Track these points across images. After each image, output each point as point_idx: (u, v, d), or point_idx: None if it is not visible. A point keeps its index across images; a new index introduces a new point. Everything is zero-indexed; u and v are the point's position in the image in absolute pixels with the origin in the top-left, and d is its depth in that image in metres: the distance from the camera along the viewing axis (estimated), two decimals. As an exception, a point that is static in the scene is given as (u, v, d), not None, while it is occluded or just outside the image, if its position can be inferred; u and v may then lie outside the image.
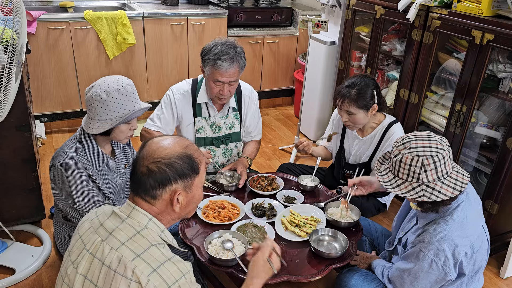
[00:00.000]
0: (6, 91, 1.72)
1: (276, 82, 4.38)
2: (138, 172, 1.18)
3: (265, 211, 1.99)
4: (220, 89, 2.12)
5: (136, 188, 1.19)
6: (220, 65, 2.03)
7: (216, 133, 2.31)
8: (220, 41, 2.10)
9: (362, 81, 2.15)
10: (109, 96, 1.67)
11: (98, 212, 1.26)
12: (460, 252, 1.47)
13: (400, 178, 1.50)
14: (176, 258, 1.15)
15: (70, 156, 1.73)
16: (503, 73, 2.22)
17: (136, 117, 1.79)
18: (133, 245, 1.12)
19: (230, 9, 3.91)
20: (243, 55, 2.13)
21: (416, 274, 1.54)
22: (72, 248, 1.21)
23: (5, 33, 1.71)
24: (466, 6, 2.27)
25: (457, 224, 1.49)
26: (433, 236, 1.49)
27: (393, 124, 2.29)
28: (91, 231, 1.19)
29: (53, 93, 3.47)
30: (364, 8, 2.97)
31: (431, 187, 1.45)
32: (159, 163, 1.15)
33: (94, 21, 3.34)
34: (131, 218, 1.18)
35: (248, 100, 2.37)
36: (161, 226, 1.20)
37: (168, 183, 1.16)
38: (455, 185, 1.46)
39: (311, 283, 2.17)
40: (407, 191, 1.48)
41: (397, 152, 1.50)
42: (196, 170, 1.21)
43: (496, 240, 2.47)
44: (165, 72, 3.82)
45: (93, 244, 1.15)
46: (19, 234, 2.37)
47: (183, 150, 1.20)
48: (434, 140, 1.47)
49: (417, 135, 1.52)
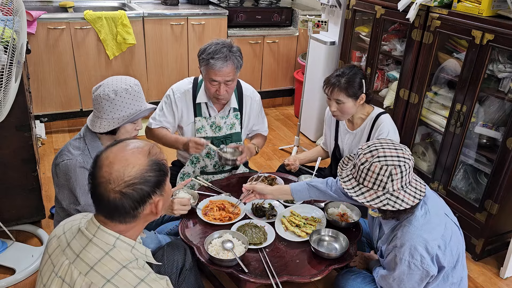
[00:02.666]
0: (6, 91, 1.72)
1: (276, 82, 4.38)
2: (108, 199, 1.05)
3: (265, 211, 1.99)
4: (216, 89, 2.12)
5: (111, 214, 1.08)
6: (214, 64, 2.03)
7: (217, 133, 2.31)
8: (215, 41, 2.10)
9: (351, 71, 2.18)
10: (117, 95, 1.68)
11: (65, 228, 1.17)
12: (433, 247, 1.49)
13: (365, 186, 1.51)
14: (150, 277, 1.07)
15: (74, 155, 1.74)
16: (503, 73, 2.22)
17: (142, 117, 1.80)
18: (102, 268, 1.05)
19: (230, 9, 3.91)
20: (239, 54, 2.12)
21: (400, 278, 1.56)
22: (42, 269, 1.15)
23: (5, 33, 1.72)
24: (466, 6, 2.27)
25: (421, 221, 1.52)
26: (402, 239, 1.51)
27: (381, 114, 2.29)
28: (59, 251, 1.12)
29: (53, 93, 3.47)
30: (364, 8, 2.97)
31: (395, 195, 1.47)
32: (134, 184, 1.05)
33: (94, 21, 3.34)
34: (97, 237, 1.09)
35: (250, 100, 2.37)
36: (131, 242, 1.12)
37: (148, 197, 1.09)
38: (415, 193, 1.49)
39: (311, 283, 2.17)
40: (372, 199, 1.49)
41: (364, 160, 1.49)
42: (166, 171, 1.14)
43: (496, 240, 2.47)
44: (165, 72, 3.82)
45: (61, 267, 1.09)
46: (19, 234, 2.37)
47: (148, 158, 1.09)
48: (400, 149, 1.49)
49: (383, 143, 1.52)
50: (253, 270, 1.66)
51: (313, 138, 3.80)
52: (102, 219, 1.11)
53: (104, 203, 1.07)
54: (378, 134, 2.25)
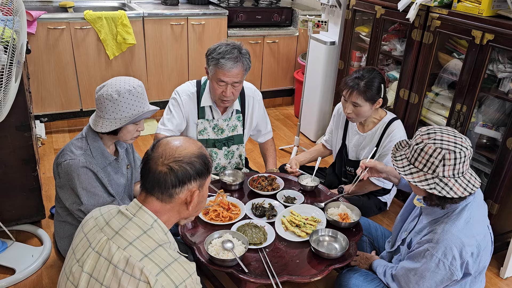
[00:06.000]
0: (6, 91, 1.72)
1: (276, 82, 4.38)
2: (155, 171, 1.18)
3: (265, 211, 1.99)
4: (223, 90, 2.10)
5: (153, 187, 1.19)
6: (224, 64, 2.02)
7: (219, 135, 2.30)
8: (225, 42, 2.09)
9: (371, 74, 2.16)
10: (120, 96, 1.68)
11: (102, 211, 1.26)
12: (467, 252, 1.47)
13: (415, 166, 1.49)
14: (182, 259, 1.16)
15: (77, 155, 1.74)
16: (503, 73, 2.22)
17: (144, 118, 1.80)
18: (140, 245, 1.13)
19: (230, 9, 3.90)
20: (248, 57, 2.11)
21: (423, 274, 1.53)
22: (76, 246, 1.22)
23: (5, 33, 1.72)
24: (466, 6, 2.27)
25: (464, 224, 1.49)
26: (441, 236, 1.49)
27: (394, 120, 2.30)
28: (96, 230, 1.20)
29: (53, 93, 3.47)
30: (364, 8, 2.97)
31: (444, 182, 1.45)
32: (181, 161, 1.18)
33: (94, 21, 3.34)
34: (137, 217, 1.19)
35: (252, 100, 2.36)
36: (165, 228, 1.21)
37: (188, 181, 1.19)
38: (466, 186, 1.46)
39: (311, 283, 2.17)
40: (419, 180, 1.47)
41: (420, 141, 1.48)
42: (209, 169, 1.26)
43: (496, 240, 2.45)
44: (165, 72, 3.82)
45: (99, 243, 1.16)
46: (19, 234, 2.37)
47: (199, 150, 1.24)
48: (459, 138, 1.47)
49: (443, 129, 1.51)
50: (253, 270, 1.66)
51: (313, 138, 3.80)
52: (142, 196, 1.22)
53: (150, 175, 1.19)
54: (389, 141, 2.25)
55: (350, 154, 2.46)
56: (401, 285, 1.64)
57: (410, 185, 1.59)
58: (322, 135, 3.62)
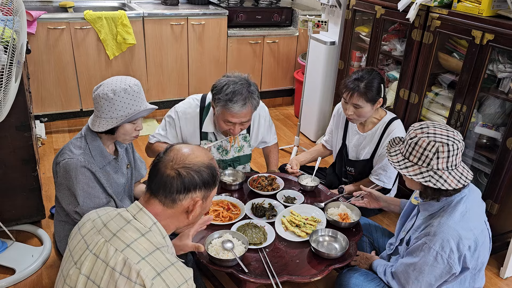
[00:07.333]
0: (6, 91, 1.72)
1: (276, 82, 4.38)
2: (163, 174, 1.19)
3: (265, 211, 1.99)
4: (230, 128, 2.03)
5: (158, 189, 1.20)
6: (232, 107, 1.94)
7: (224, 156, 2.26)
8: (232, 79, 1.99)
9: (370, 75, 2.16)
10: (115, 95, 1.69)
11: (100, 213, 1.25)
12: (464, 245, 1.48)
13: (410, 161, 1.53)
14: (179, 264, 1.15)
15: (76, 154, 1.74)
16: (503, 73, 2.22)
17: (142, 117, 1.80)
18: (138, 247, 1.12)
19: (230, 9, 3.90)
20: (257, 94, 2.03)
21: (422, 268, 1.54)
22: (74, 248, 1.21)
23: (5, 33, 1.72)
24: (466, 6, 2.27)
25: (460, 216, 1.52)
26: (438, 229, 1.51)
27: (394, 120, 2.30)
28: (94, 232, 1.19)
29: (53, 93, 3.47)
30: (364, 8, 2.97)
31: (439, 174, 1.48)
32: (190, 168, 1.20)
33: (94, 21, 3.34)
34: (137, 219, 1.19)
35: (258, 117, 2.29)
36: (164, 232, 1.21)
37: (193, 189, 1.20)
38: (460, 178, 1.50)
39: (311, 283, 2.17)
40: (415, 174, 1.51)
41: (414, 135, 1.52)
42: (216, 182, 1.27)
43: (496, 240, 2.47)
44: (165, 72, 3.82)
45: (96, 245, 1.15)
46: (19, 234, 2.37)
47: (209, 161, 1.25)
48: (451, 131, 1.51)
49: (435, 123, 1.56)
50: (253, 270, 1.66)
51: (313, 138, 3.80)
52: (146, 197, 1.23)
53: (158, 177, 1.20)
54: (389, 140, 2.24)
55: (350, 154, 2.46)
56: (401, 282, 1.64)
57: (405, 179, 1.61)
58: (322, 135, 3.62)
